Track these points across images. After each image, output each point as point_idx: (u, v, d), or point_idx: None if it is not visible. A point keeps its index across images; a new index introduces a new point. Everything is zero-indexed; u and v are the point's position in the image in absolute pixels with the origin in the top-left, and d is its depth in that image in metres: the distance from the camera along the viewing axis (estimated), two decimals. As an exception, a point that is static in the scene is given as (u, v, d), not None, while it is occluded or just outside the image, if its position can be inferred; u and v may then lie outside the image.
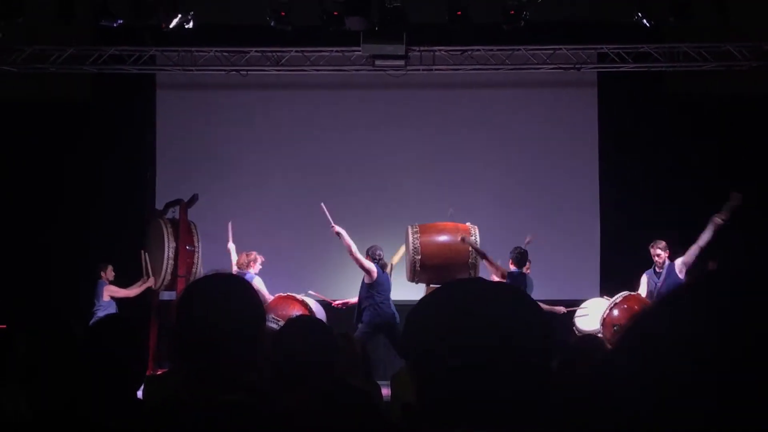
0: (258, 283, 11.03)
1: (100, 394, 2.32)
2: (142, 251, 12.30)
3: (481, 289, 1.58)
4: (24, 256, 13.38)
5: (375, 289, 11.05)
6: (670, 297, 1.14)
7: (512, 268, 10.93)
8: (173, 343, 2.36)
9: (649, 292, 10.63)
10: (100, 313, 11.27)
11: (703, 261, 11.89)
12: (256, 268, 11.59)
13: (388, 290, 11.18)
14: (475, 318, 1.48)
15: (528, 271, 11.12)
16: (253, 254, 11.72)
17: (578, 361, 3.85)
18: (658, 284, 10.48)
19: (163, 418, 2.16)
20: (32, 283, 13.02)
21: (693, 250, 10.41)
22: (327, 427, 2.34)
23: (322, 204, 11.47)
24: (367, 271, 11.03)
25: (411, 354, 1.55)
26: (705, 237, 10.38)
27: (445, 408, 1.47)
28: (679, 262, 10.55)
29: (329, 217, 11.30)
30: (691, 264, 10.39)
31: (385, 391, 6.24)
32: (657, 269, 10.67)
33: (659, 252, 10.65)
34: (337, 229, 11.16)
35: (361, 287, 11.18)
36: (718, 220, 10.32)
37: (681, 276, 10.40)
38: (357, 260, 11.03)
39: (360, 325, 10.96)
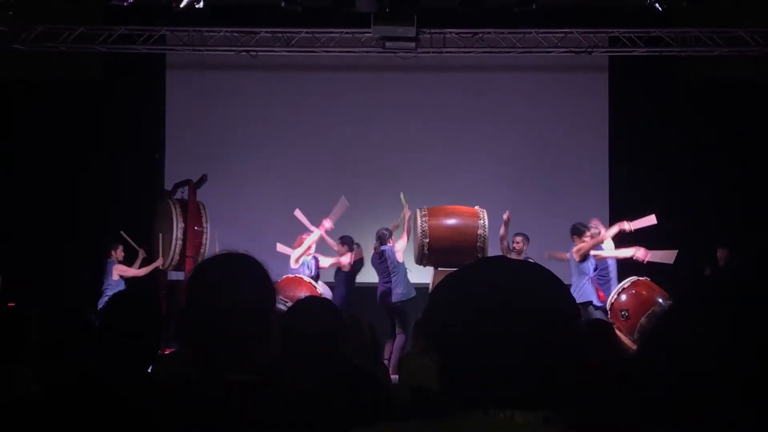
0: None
1: (113, 369, 2.33)
2: (159, 233, 12.30)
3: (507, 267, 1.56)
4: (34, 236, 13.40)
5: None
6: (688, 297, 1.13)
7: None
8: (182, 323, 2.36)
9: None
10: (109, 293, 11.31)
11: (701, 265, 11.92)
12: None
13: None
14: (501, 296, 1.47)
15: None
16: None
17: (589, 348, 3.84)
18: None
19: (173, 395, 2.16)
20: (43, 263, 13.05)
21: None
22: (335, 408, 2.34)
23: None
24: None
25: (434, 335, 1.53)
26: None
27: (469, 387, 1.46)
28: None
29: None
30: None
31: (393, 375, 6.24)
32: None
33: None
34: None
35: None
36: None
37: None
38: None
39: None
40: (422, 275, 11.97)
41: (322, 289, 11.40)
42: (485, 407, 1.42)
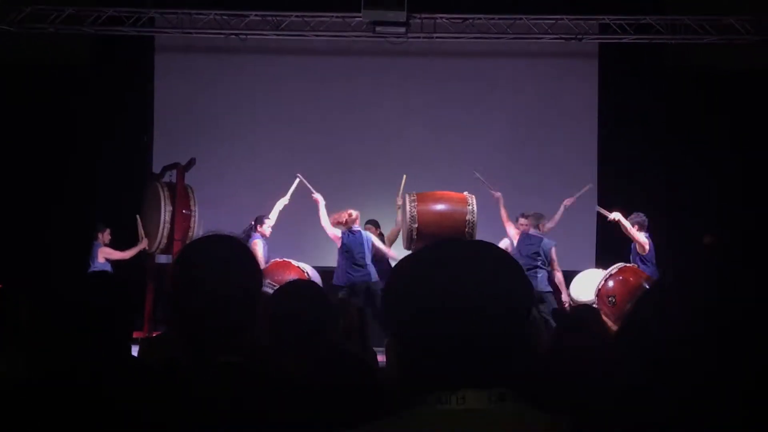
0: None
1: (90, 351, 2.31)
2: (137, 216, 12.29)
3: (458, 249, 1.56)
4: (20, 218, 13.35)
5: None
6: (658, 287, 1.14)
7: (532, 231, 11.46)
8: (169, 305, 2.35)
9: None
10: (95, 275, 11.27)
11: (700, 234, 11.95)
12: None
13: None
14: (451, 279, 1.47)
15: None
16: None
17: (575, 331, 3.85)
18: None
19: (161, 377, 2.15)
20: (29, 246, 13.00)
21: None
22: (323, 391, 2.34)
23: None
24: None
25: (391, 317, 1.54)
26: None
27: (423, 369, 1.46)
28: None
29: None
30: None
31: (381, 358, 6.25)
32: None
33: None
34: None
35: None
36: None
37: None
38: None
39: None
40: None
41: (310, 272, 11.39)
42: (439, 389, 1.43)
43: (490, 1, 12.99)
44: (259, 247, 11.08)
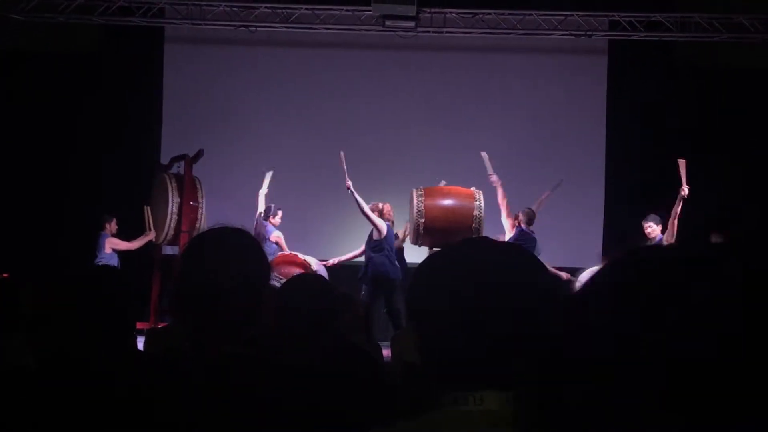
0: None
1: (95, 343, 2.33)
2: (145, 206, 12.32)
3: (489, 248, 1.56)
4: (28, 208, 13.38)
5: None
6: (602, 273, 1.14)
7: (523, 226, 11.27)
8: (176, 296, 2.36)
9: None
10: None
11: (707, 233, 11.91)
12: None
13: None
14: (482, 278, 1.47)
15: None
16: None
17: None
18: None
19: (165, 367, 2.16)
20: (38, 235, 13.04)
21: (672, 225, 10.51)
22: (328, 383, 2.34)
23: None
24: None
25: (415, 313, 1.54)
26: (677, 209, 10.67)
27: (448, 369, 1.47)
28: (664, 238, 10.66)
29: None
30: (672, 235, 10.56)
31: (386, 352, 6.26)
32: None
33: (651, 225, 10.72)
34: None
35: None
36: (684, 192, 10.70)
37: None
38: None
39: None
40: (418, 255, 11.98)
41: (316, 266, 11.40)
42: (458, 388, 1.43)
43: (500, -4, 13.00)
44: (281, 238, 11.28)
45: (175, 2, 13.32)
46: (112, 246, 11.98)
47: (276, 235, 11.48)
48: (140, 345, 3.31)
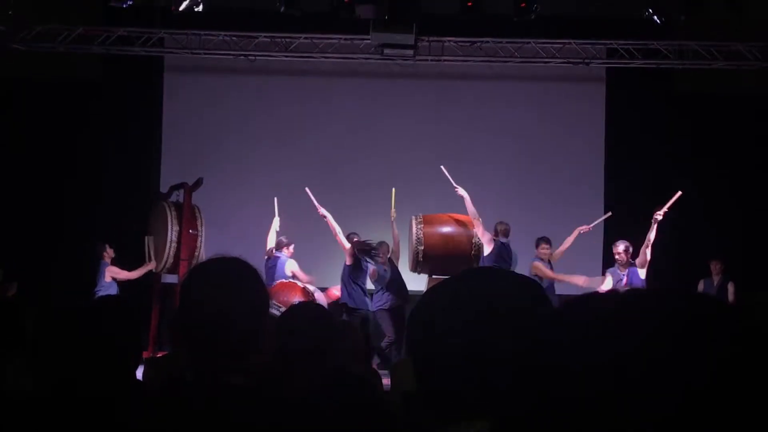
0: (293, 266, 11.51)
1: (97, 373, 2.32)
2: (146, 236, 12.32)
3: (492, 279, 1.56)
4: (27, 235, 13.37)
5: (356, 273, 11.35)
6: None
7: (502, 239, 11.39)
8: (175, 325, 2.36)
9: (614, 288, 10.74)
10: (101, 294, 11.28)
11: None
12: (290, 251, 11.70)
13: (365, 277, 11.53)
14: (480, 312, 1.47)
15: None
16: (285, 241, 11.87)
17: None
18: (622, 282, 10.61)
19: (166, 397, 2.16)
20: (36, 263, 13.02)
21: (644, 250, 10.50)
22: (328, 413, 2.34)
23: (307, 188, 11.78)
24: (350, 255, 11.35)
25: (415, 343, 1.54)
26: (651, 235, 10.58)
27: (446, 400, 1.47)
28: (637, 263, 10.64)
29: (315, 201, 11.61)
30: (644, 261, 10.51)
31: (385, 381, 6.24)
32: (620, 268, 10.72)
33: (620, 251, 10.68)
34: (323, 211, 11.51)
35: (343, 271, 11.45)
36: (657, 216, 10.66)
37: (642, 275, 10.49)
38: (341, 243, 11.40)
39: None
40: (417, 283, 11.98)
41: (316, 295, 11.39)
42: (455, 417, 1.43)
43: (498, 25, 13.03)
44: (296, 266, 11.45)
45: (175, 32, 13.38)
46: (112, 275, 11.96)
47: (291, 269, 11.51)
48: (139, 373, 3.30)
